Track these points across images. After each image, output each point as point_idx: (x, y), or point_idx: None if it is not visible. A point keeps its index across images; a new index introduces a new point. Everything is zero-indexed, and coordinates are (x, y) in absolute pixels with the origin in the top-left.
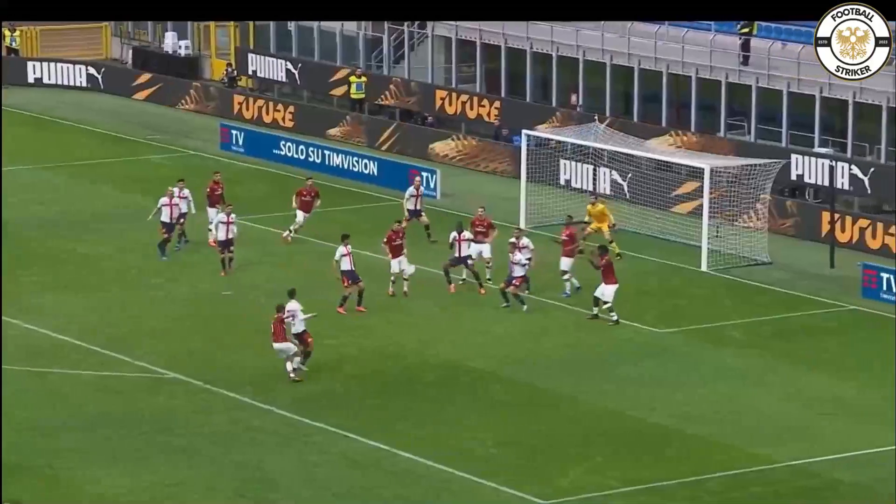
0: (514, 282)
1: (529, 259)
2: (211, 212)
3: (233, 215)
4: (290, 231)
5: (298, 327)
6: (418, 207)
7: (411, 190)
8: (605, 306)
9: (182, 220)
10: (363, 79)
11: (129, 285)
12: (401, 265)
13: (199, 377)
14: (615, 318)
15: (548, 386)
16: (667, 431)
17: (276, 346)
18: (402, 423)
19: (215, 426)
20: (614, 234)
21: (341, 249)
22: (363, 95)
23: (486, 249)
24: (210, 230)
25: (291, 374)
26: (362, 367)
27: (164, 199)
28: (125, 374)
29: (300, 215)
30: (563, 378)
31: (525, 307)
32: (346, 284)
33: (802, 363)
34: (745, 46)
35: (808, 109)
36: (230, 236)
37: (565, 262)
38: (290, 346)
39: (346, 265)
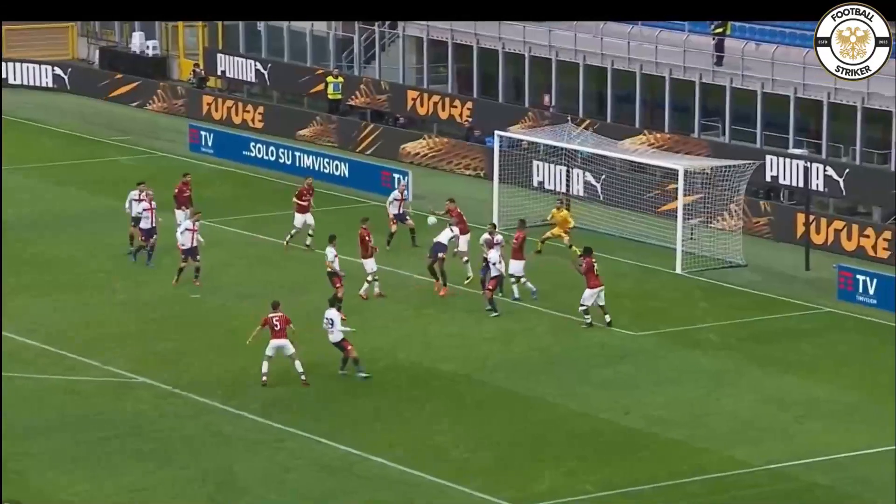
0: (488, 285)
1: (501, 257)
2: (178, 214)
3: (199, 223)
4: (308, 241)
5: (336, 336)
6: (402, 211)
7: (395, 193)
8: (580, 308)
9: (136, 226)
10: (340, 79)
11: (97, 288)
12: (374, 265)
13: (168, 381)
14: (588, 320)
15: (522, 389)
16: (642, 435)
17: (276, 342)
18: (374, 427)
19: (184, 431)
20: (571, 237)
21: (332, 251)
22: (340, 96)
23: (461, 241)
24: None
25: (264, 378)
26: (333, 370)
27: (145, 204)
28: (93, 379)
29: (299, 219)
30: (537, 381)
31: (496, 314)
32: (338, 286)
33: (777, 366)
34: (719, 47)
35: (782, 110)
36: (194, 244)
37: (515, 266)
38: (290, 345)
39: (337, 266)
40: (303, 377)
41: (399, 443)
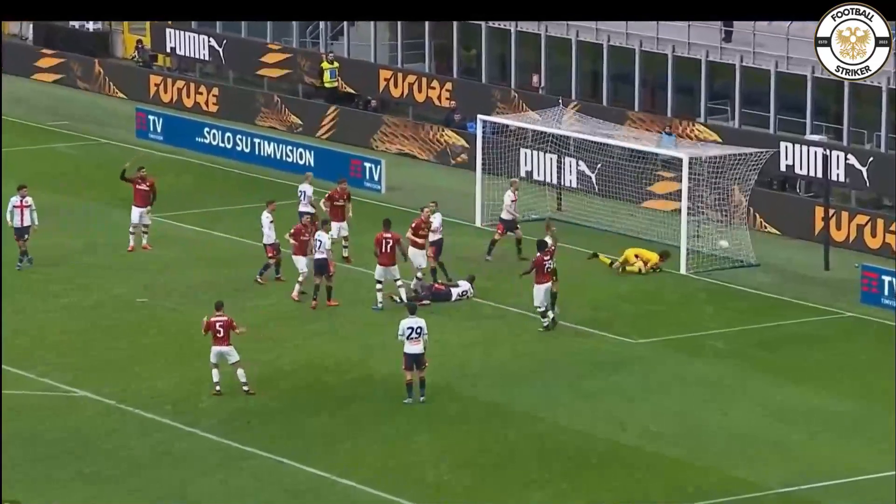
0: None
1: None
2: (134, 213)
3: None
4: (344, 252)
5: (419, 347)
6: (513, 216)
7: (509, 194)
8: (538, 310)
9: (26, 236)
10: (336, 65)
11: (33, 292)
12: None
13: (113, 395)
14: (546, 323)
15: (506, 402)
16: (639, 452)
17: (218, 349)
18: (343, 445)
19: (132, 450)
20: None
21: (326, 238)
22: (337, 84)
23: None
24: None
25: (217, 387)
26: (299, 382)
27: (15, 200)
28: (28, 393)
29: (334, 227)
30: (523, 393)
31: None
32: (330, 273)
33: (790, 376)
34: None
35: (798, 91)
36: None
37: (380, 271)
38: (234, 352)
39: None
40: (245, 388)
41: (371, 463)
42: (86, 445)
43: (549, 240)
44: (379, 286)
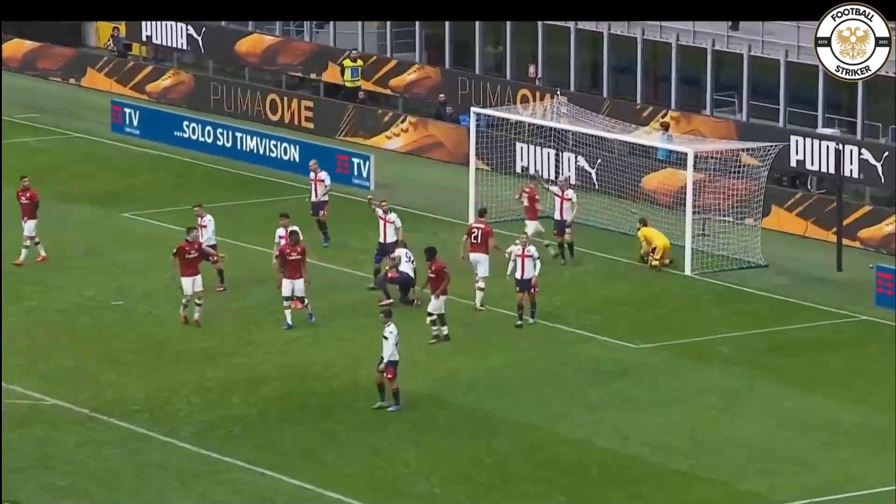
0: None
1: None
2: (27, 226)
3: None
4: (552, 251)
5: (396, 355)
6: (565, 218)
7: (555, 189)
8: (429, 319)
9: None
10: (359, 63)
11: (2, 295)
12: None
13: (85, 403)
14: (445, 332)
15: (500, 411)
16: (642, 464)
17: None
18: (328, 456)
19: (106, 462)
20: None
21: (280, 232)
22: (359, 82)
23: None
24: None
25: None
26: (281, 389)
27: None
28: None
29: (530, 226)
30: (519, 402)
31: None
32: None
33: (801, 384)
34: None
35: (809, 83)
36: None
37: (292, 286)
38: None
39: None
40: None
41: (357, 475)
42: (58, 456)
43: (516, 247)
44: (287, 303)
